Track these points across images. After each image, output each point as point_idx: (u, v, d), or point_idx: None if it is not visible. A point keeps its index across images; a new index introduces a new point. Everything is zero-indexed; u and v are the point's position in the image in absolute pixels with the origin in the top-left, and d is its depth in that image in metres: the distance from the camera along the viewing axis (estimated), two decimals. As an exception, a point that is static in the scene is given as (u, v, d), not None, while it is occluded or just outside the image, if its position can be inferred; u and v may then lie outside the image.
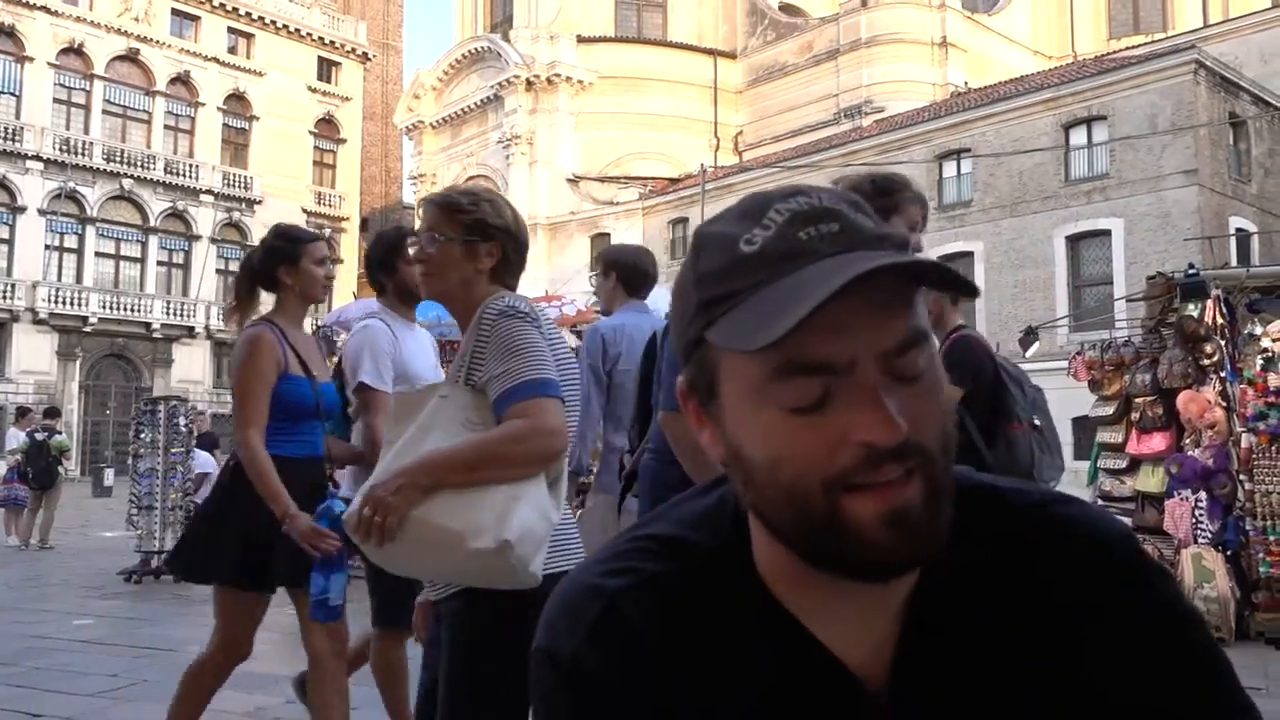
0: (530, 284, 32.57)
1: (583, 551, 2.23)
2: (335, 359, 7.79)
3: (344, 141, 44.13)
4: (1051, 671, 0.73)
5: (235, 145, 40.32)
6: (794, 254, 0.67)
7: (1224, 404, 6.85)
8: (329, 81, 43.53)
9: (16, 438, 13.57)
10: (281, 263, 3.28)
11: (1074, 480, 14.52)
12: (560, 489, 2.03)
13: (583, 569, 0.80)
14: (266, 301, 3.38)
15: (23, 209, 34.50)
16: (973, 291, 0.70)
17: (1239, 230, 23.12)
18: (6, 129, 34.23)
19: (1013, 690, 0.72)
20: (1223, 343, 6.93)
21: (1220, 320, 6.95)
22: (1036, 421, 4.32)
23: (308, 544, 2.98)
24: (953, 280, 0.67)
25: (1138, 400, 7.49)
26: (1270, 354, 6.85)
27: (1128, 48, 32.19)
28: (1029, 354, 12.77)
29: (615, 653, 0.73)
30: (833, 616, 0.73)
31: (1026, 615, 0.73)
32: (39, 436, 13.09)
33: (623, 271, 4.27)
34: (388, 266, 3.56)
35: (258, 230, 39.18)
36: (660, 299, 9.86)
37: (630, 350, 4.05)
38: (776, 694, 0.73)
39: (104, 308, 35.15)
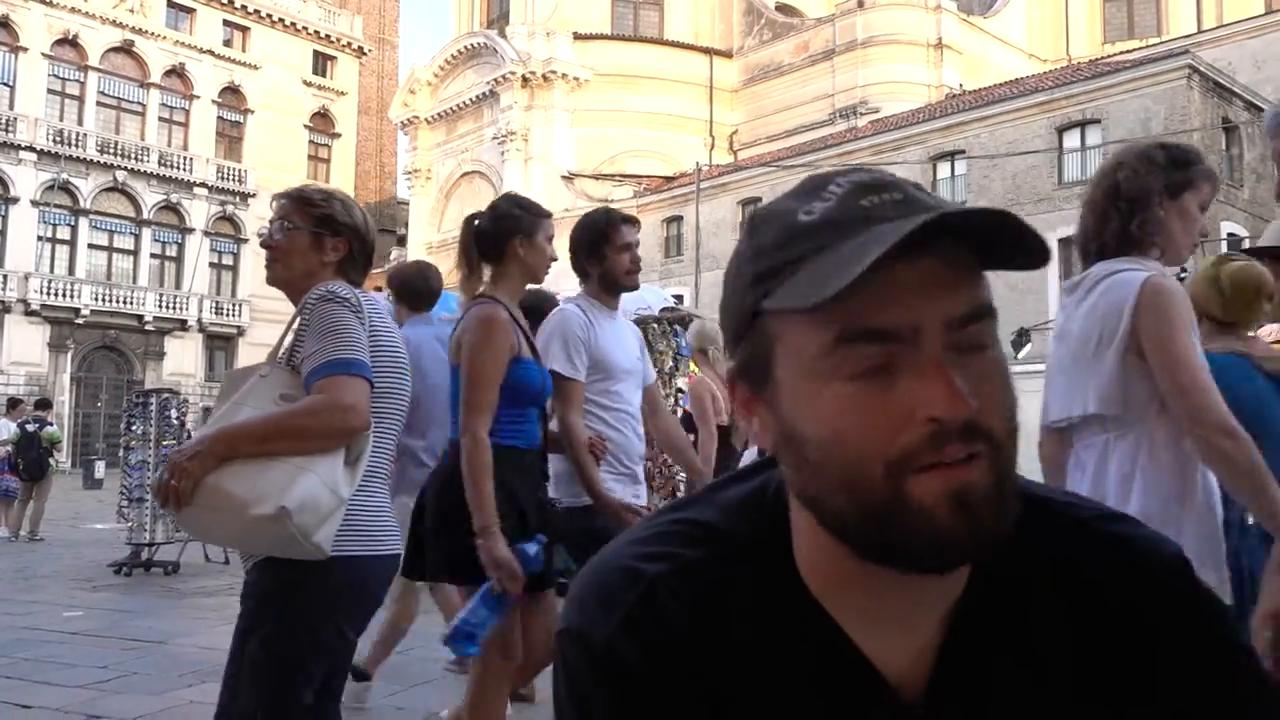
0: (524, 281, 32.58)
1: (391, 539, 2.23)
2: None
3: (339, 136, 44.04)
4: (1094, 692, 0.72)
5: (229, 138, 40.23)
6: (856, 219, 0.65)
7: (1212, 408, 6.88)
8: (324, 76, 43.45)
9: (7, 429, 13.54)
10: (517, 233, 2.99)
11: (1063, 482, 14.60)
12: (360, 467, 2.07)
13: (618, 548, 0.77)
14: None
15: (15, 200, 34.39)
16: (1044, 255, 0.65)
17: (1230, 235, 23.20)
18: (0, 119, 34.11)
19: (1053, 709, 0.71)
20: (1212, 347, 6.97)
21: (1209, 324, 6.99)
22: None
23: (494, 573, 2.73)
24: (1025, 238, 0.64)
25: (1127, 403, 7.53)
26: (1258, 358, 6.89)
27: (1122, 52, 32.29)
28: (1021, 356, 12.81)
29: (652, 644, 0.71)
30: (873, 620, 0.71)
31: (1072, 633, 0.72)
32: (30, 428, 13.07)
33: (398, 289, 4.45)
34: (595, 253, 3.25)
35: (251, 224, 39.14)
36: (649, 296, 9.80)
37: (416, 362, 4.17)
38: (808, 697, 0.71)
39: (96, 300, 35.06)
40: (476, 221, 3.06)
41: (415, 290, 4.50)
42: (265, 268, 2.29)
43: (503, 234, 2.99)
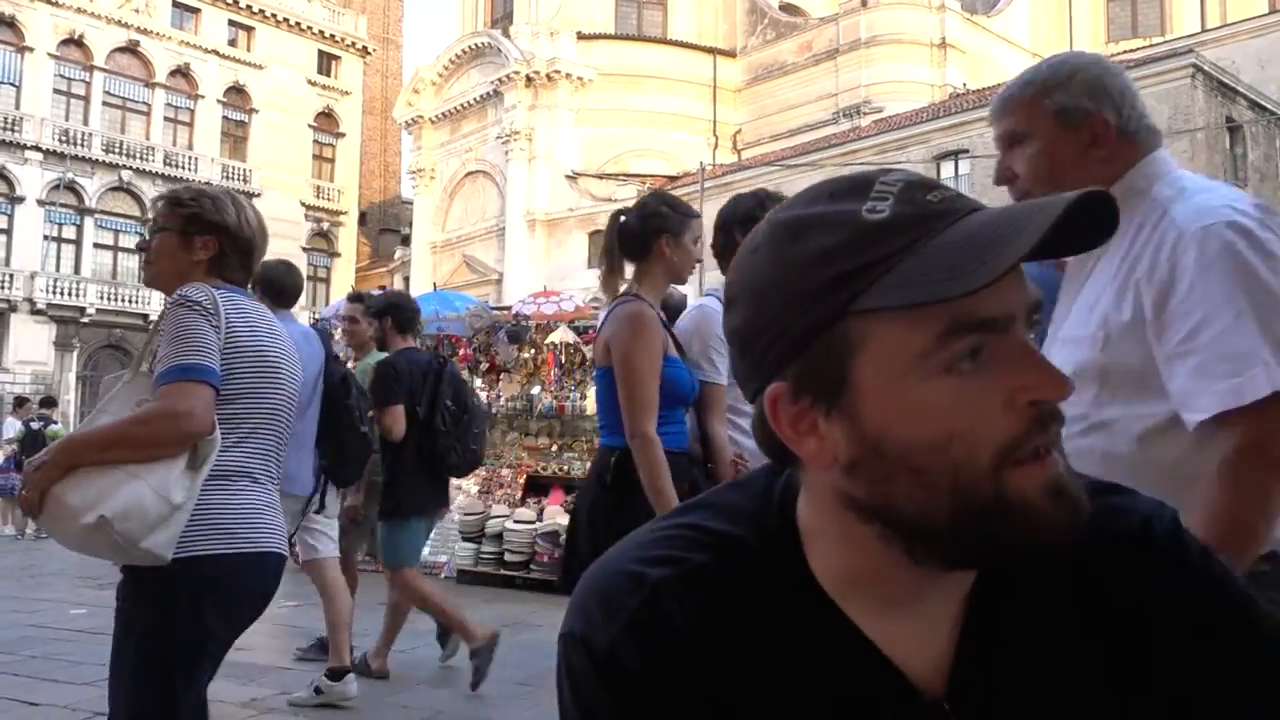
0: (528, 280, 32.59)
1: (264, 536, 2.20)
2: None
3: (343, 136, 44.07)
4: (1111, 668, 0.72)
5: (234, 138, 40.27)
6: (936, 213, 0.65)
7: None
8: (329, 75, 43.48)
9: (13, 427, 13.61)
10: (665, 233, 2.91)
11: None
12: (204, 471, 2.07)
13: (621, 552, 0.76)
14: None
15: (21, 199, 34.45)
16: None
17: (1235, 234, 23.16)
18: (6, 119, 34.16)
19: (1074, 692, 0.72)
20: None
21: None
22: None
23: None
24: (1111, 223, 0.65)
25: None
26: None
27: (1126, 51, 32.23)
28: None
29: (655, 649, 0.70)
30: (893, 621, 0.71)
31: (1084, 612, 0.73)
32: (35, 426, 13.14)
33: (261, 286, 4.73)
34: (750, 226, 3.02)
35: (256, 223, 39.13)
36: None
37: None
38: (828, 700, 0.70)
39: (102, 299, 35.11)
40: (623, 218, 2.97)
41: (279, 288, 4.76)
42: (143, 270, 2.36)
43: (650, 232, 2.91)
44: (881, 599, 0.70)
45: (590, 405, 9.80)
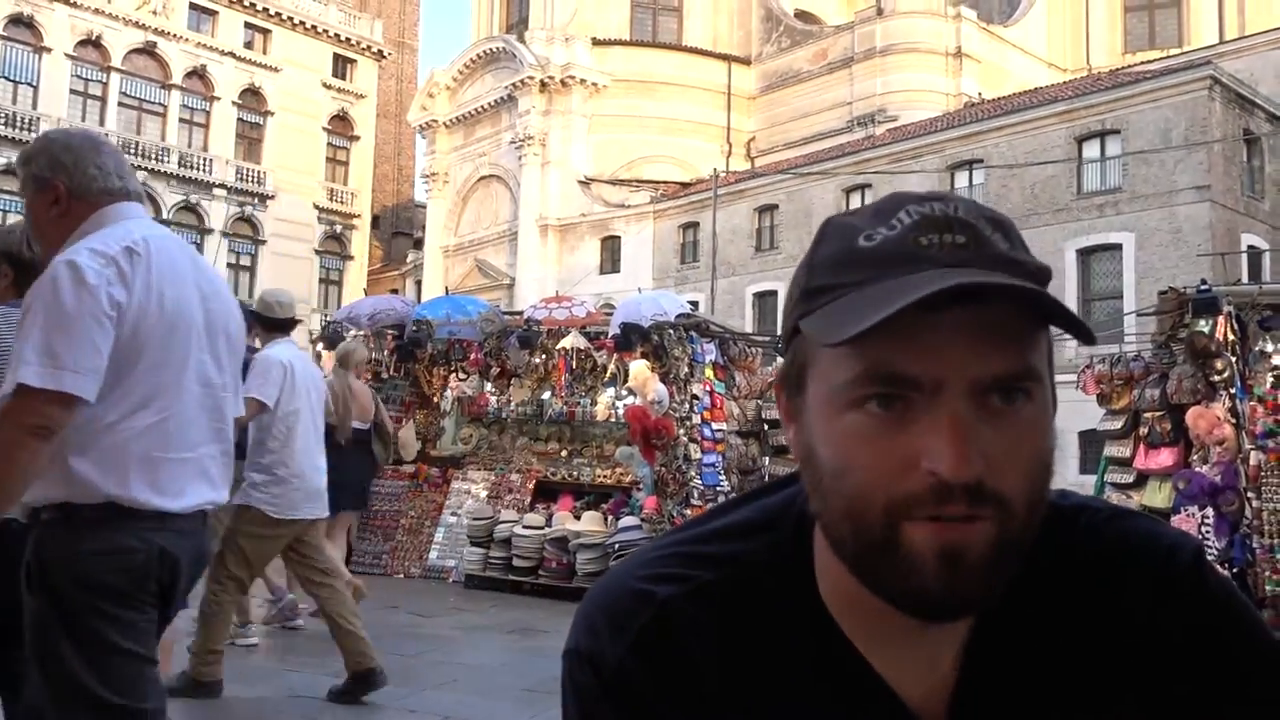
0: (540, 285, 32.61)
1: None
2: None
3: (357, 139, 44.21)
4: (1120, 698, 0.71)
5: (249, 140, 40.43)
6: (907, 257, 0.63)
7: (1233, 420, 6.83)
8: (344, 79, 43.64)
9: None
10: None
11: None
12: None
13: (630, 568, 0.76)
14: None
15: (36, 199, 34.65)
16: (1087, 338, 0.64)
17: (1251, 247, 23.03)
18: (23, 119, 34.37)
19: None
20: (1233, 359, 6.92)
21: (1231, 337, 6.94)
22: None
23: None
24: (1067, 321, 0.62)
25: (1146, 415, 7.49)
26: (1280, 371, 6.83)
27: (1143, 62, 32.13)
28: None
29: (661, 666, 0.70)
30: (893, 647, 0.70)
31: (1091, 642, 0.71)
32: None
33: None
34: None
35: (270, 225, 39.33)
36: (665, 302, 9.79)
37: None
38: None
39: (115, 299, 35.31)
40: None
41: None
42: None
43: None
44: (882, 623, 0.69)
45: (601, 411, 9.75)
